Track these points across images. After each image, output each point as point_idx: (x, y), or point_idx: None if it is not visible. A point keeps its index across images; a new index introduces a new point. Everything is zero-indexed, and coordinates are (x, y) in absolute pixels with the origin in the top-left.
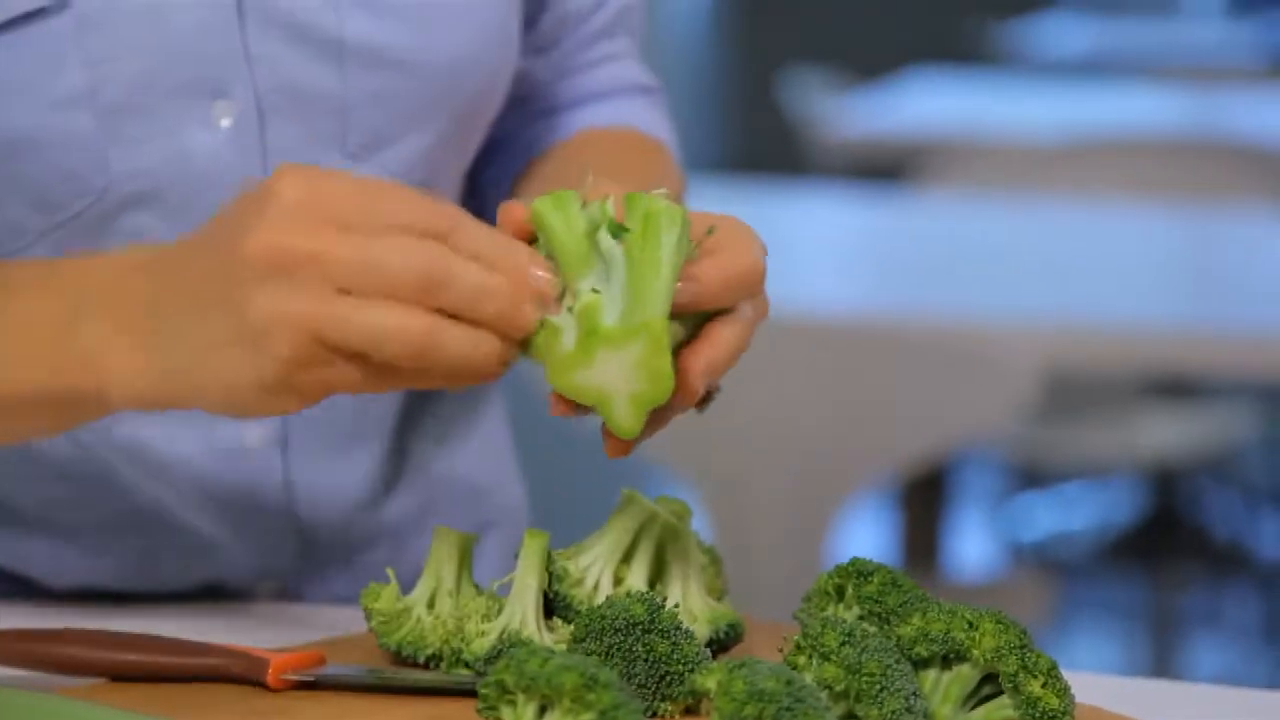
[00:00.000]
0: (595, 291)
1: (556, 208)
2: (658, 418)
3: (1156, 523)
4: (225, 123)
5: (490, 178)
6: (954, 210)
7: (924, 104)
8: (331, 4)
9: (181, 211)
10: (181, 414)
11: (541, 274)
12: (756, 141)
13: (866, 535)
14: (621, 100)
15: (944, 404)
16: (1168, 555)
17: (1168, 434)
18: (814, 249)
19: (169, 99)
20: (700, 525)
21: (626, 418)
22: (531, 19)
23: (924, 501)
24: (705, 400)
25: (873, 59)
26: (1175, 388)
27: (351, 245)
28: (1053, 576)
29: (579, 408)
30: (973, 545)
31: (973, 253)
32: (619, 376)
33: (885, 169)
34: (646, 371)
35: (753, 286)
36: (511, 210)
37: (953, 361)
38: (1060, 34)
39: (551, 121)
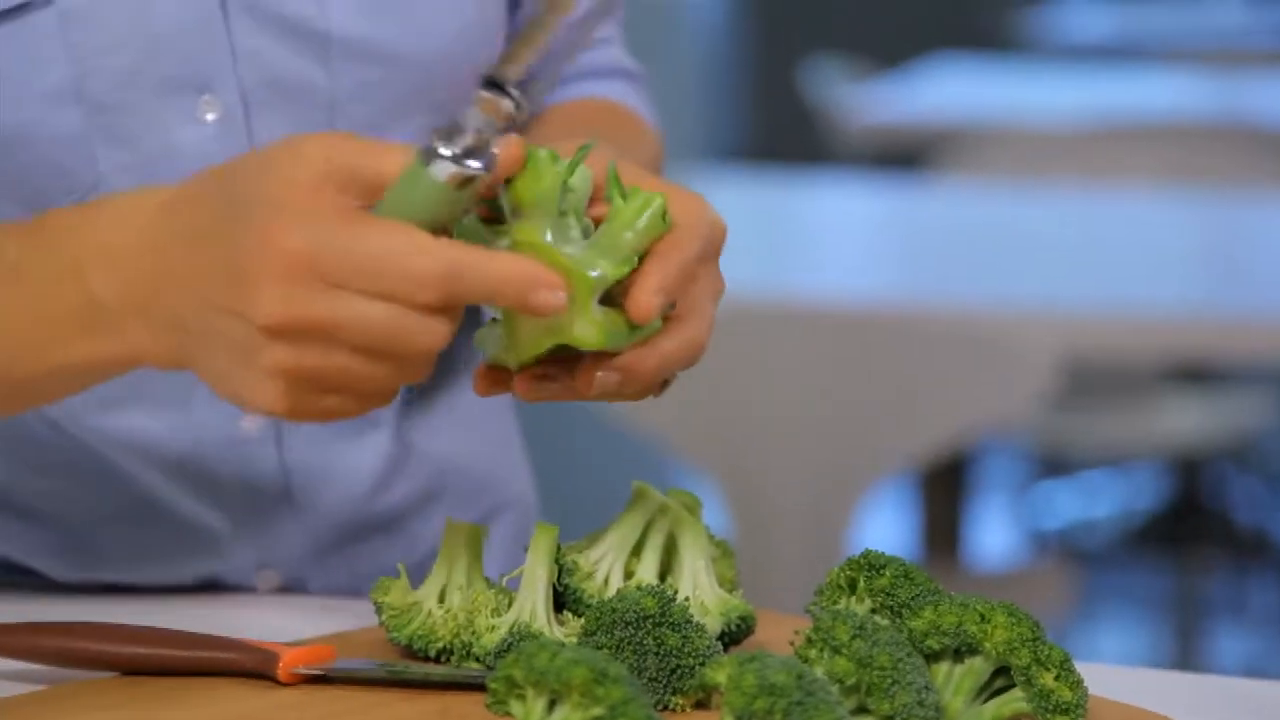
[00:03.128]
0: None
1: (529, 162)
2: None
3: (1179, 510)
4: (211, 116)
5: None
6: (974, 197)
7: (944, 90)
8: None
9: None
10: (173, 401)
11: (546, 295)
12: (777, 129)
13: (887, 525)
14: (611, 81)
15: (964, 392)
16: (1191, 543)
17: (1189, 421)
18: (834, 237)
19: (154, 94)
20: (719, 518)
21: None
22: (516, 2)
23: (945, 491)
24: (664, 385)
25: (893, 45)
26: (1196, 374)
27: (358, 313)
28: (1075, 565)
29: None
30: (994, 534)
31: (993, 240)
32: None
33: (905, 156)
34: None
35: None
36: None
37: (973, 349)
38: (1080, 19)
39: None
